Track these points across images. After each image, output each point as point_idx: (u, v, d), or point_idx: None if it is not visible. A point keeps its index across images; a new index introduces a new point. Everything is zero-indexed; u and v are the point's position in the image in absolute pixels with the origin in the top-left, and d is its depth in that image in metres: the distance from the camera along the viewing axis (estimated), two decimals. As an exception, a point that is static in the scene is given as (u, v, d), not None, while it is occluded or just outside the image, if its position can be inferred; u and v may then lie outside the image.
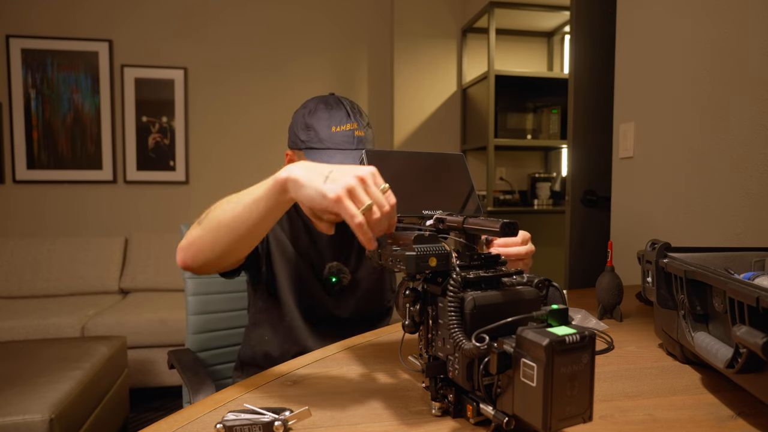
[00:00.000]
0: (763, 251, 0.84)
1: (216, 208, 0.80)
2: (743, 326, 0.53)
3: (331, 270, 1.13)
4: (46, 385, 1.65)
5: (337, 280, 1.13)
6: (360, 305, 1.16)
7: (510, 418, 0.49)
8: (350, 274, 1.14)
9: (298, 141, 1.06)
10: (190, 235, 0.84)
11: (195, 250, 0.83)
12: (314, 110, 1.05)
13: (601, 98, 2.05)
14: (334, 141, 1.03)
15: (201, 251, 0.82)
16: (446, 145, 3.42)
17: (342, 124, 1.03)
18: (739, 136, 1.29)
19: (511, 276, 0.58)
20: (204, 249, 0.82)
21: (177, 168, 3.33)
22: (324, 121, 1.03)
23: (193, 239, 0.83)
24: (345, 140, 1.03)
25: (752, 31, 1.25)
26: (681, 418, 0.59)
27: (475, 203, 0.74)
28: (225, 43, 3.34)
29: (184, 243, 0.85)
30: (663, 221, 1.57)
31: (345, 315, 1.15)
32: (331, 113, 1.04)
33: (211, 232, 0.80)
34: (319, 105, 1.06)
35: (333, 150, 1.02)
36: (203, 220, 0.82)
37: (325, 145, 1.02)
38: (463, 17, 3.39)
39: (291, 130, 1.09)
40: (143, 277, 3.04)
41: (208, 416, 0.60)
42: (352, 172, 0.61)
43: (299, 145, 1.06)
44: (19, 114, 3.13)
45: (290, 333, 1.12)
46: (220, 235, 0.79)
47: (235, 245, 0.80)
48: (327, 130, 1.03)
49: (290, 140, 1.09)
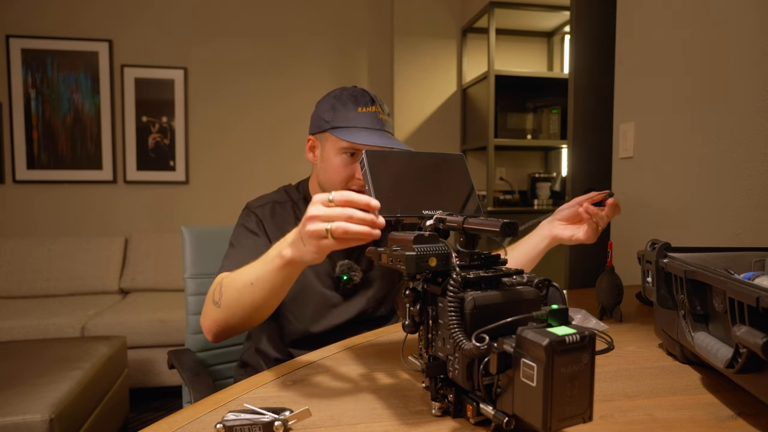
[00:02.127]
0: (763, 251, 0.84)
1: (229, 288, 0.88)
2: (743, 326, 0.53)
3: (342, 268, 1.14)
4: (46, 385, 1.65)
5: (348, 278, 1.14)
6: (370, 305, 1.17)
7: (510, 418, 0.49)
8: (361, 272, 1.15)
9: (322, 123, 1.10)
10: (211, 315, 0.93)
11: (222, 328, 0.92)
12: (340, 95, 1.10)
13: (601, 98, 2.05)
14: (360, 120, 1.07)
15: (230, 327, 0.92)
16: (446, 145, 3.42)
17: (367, 106, 1.08)
18: (739, 136, 1.29)
19: (511, 276, 0.58)
20: (232, 325, 0.91)
21: (177, 168, 3.32)
22: (350, 103, 1.08)
23: (215, 319, 0.92)
24: (370, 120, 1.07)
25: (752, 31, 1.25)
26: (681, 418, 0.59)
27: (475, 203, 0.74)
28: (225, 43, 3.34)
29: (207, 323, 0.94)
30: (663, 221, 1.57)
31: (354, 313, 1.15)
32: (356, 97, 1.09)
33: (235, 312, 0.88)
34: (345, 92, 1.10)
35: (358, 128, 1.06)
36: (220, 301, 0.90)
37: (351, 124, 1.06)
38: (463, 17, 3.39)
39: (314, 116, 1.13)
40: (143, 277, 3.04)
41: (208, 416, 0.60)
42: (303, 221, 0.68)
43: (323, 126, 1.09)
44: (19, 114, 3.13)
45: (293, 335, 1.12)
46: (245, 312, 0.87)
47: (263, 313, 0.89)
48: (353, 110, 1.07)
49: (313, 125, 1.13)
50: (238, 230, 1.12)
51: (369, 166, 0.68)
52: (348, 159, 1.08)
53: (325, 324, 1.13)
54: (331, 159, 1.09)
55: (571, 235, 1.11)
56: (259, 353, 1.15)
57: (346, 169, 1.08)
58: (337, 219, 0.64)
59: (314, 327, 1.12)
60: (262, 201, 1.16)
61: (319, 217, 0.66)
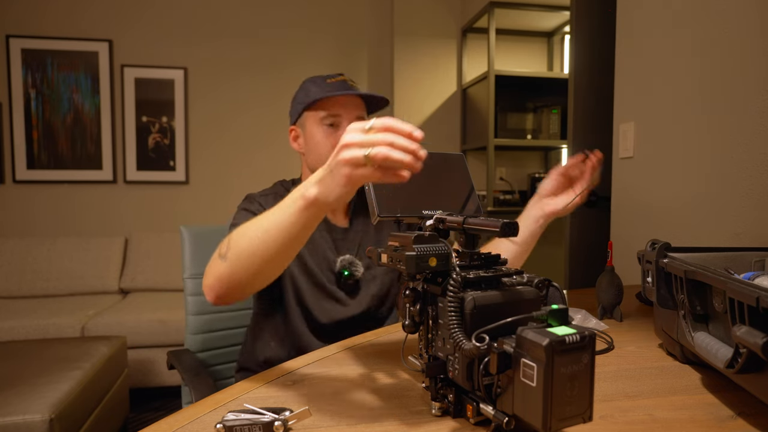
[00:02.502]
0: (763, 251, 0.84)
1: (239, 239, 0.77)
2: (743, 326, 0.53)
3: (343, 263, 1.13)
4: (46, 385, 1.65)
5: (349, 274, 1.13)
6: (374, 302, 1.16)
7: (510, 418, 0.49)
8: (363, 268, 1.14)
9: (298, 107, 1.14)
10: (215, 271, 0.81)
11: (226, 286, 0.81)
12: (309, 79, 1.16)
13: (601, 98, 2.05)
14: (331, 88, 1.10)
15: (235, 285, 0.80)
16: (446, 145, 3.42)
17: (336, 78, 1.13)
18: (739, 136, 1.29)
19: (511, 276, 0.58)
20: (237, 283, 0.80)
21: (177, 168, 3.33)
22: (318, 79, 1.13)
23: (219, 275, 0.80)
24: (340, 86, 1.11)
25: (752, 31, 1.25)
26: (681, 418, 0.59)
27: (475, 203, 0.74)
28: (225, 43, 3.34)
29: (210, 281, 0.83)
30: (663, 221, 1.57)
31: (359, 310, 1.14)
32: (324, 75, 1.15)
33: (243, 266, 0.77)
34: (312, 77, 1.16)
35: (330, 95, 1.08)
36: (227, 254, 0.79)
37: (323, 93, 1.09)
38: (463, 17, 3.39)
39: (292, 108, 1.17)
40: (143, 277, 3.04)
41: (208, 416, 0.60)
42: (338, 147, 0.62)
43: (299, 109, 1.13)
44: (19, 114, 3.13)
45: (294, 340, 1.11)
46: (254, 266, 0.76)
47: (274, 270, 0.79)
48: (322, 83, 1.12)
49: (292, 115, 1.17)
50: (240, 213, 1.10)
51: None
52: (330, 129, 1.11)
53: (329, 317, 1.12)
54: (314, 136, 1.12)
55: (565, 205, 1.11)
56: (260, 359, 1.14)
57: (330, 139, 1.10)
58: (377, 145, 0.59)
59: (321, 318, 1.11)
60: (265, 192, 1.17)
61: (356, 144, 0.61)
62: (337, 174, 0.62)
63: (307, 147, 1.14)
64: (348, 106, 1.12)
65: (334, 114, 1.10)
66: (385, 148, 0.59)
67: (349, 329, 1.13)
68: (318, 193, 0.66)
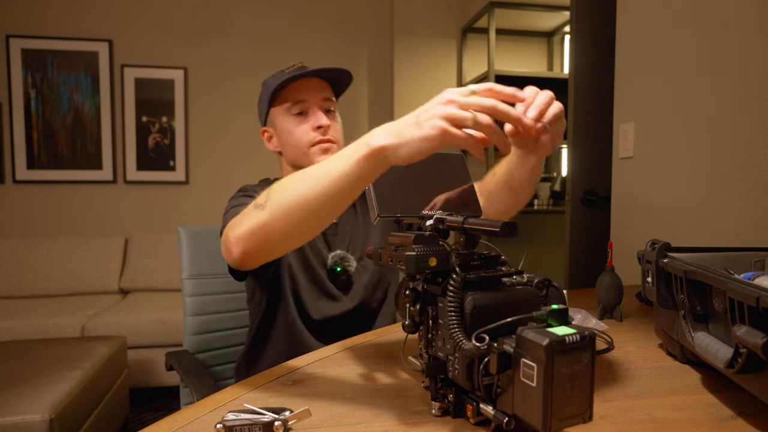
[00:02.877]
0: (763, 251, 0.84)
1: (285, 187, 0.70)
2: (743, 326, 0.53)
3: (335, 259, 1.12)
4: (46, 385, 1.65)
5: (342, 269, 1.12)
6: (367, 291, 1.16)
7: (510, 418, 0.49)
8: (356, 262, 1.13)
9: (263, 105, 1.13)
10: (250, 222, 0.73)
11: (259, 239, 0.73)
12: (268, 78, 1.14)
13: (601, 98, 2.05)
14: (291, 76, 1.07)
15: (269, 239, 0.72)
16: (446, 145, 3.42)
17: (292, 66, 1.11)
18: (740, 135, 1.29)
19: (511, 276, 0.58)
20: (273, 235, 0.72)
21: (177, 168, 3.33)
22: (277, 73, 1.11)
23: (256, 226, 0.72)
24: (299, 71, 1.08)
25: (752, 30, 1.25)
26: (681, 418, 0.59)
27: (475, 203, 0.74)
28: (225, 43, 3.34)
29: (242, 232, 0.74)
30: (663, 221, 1.57)
31: (352, 305, 1.13)
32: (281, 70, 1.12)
33: (284, 216, 0.69)
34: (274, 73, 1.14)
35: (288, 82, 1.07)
36: (265, 204, 0.71)
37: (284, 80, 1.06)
38: (463, 17, 3.39)
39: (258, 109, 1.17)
40: (143, 277, 3.04)
41: (208, 416, 0.60)
42: (438, 100, 0.58)
43: (264, 108, 1.12)
44: (19, 114, 3.13)
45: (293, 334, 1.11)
46: (297, 217, 0.68)
47: (316, 225, 0.72)
48: (281, 76, 1.09)
49: (260, 118, 1.17)
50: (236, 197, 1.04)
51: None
52: (298, 118, 1.09)
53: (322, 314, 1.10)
54: (286, 129, 1.10)
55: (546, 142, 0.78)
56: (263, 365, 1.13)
57: (300, 126, 1.09)
58: (483, 109, 0.56)
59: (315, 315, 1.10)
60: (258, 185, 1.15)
61: (460, 103, 0.57)
62: (428, 126, 0.57)
63: (283, 143, 1.13)
64: (311, 90, 1.09)
65: (298, 100, 1.09)
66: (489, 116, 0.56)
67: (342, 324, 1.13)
68: (389, 144, 0.59)
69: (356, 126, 3.52)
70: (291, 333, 1.11)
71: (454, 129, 0.56)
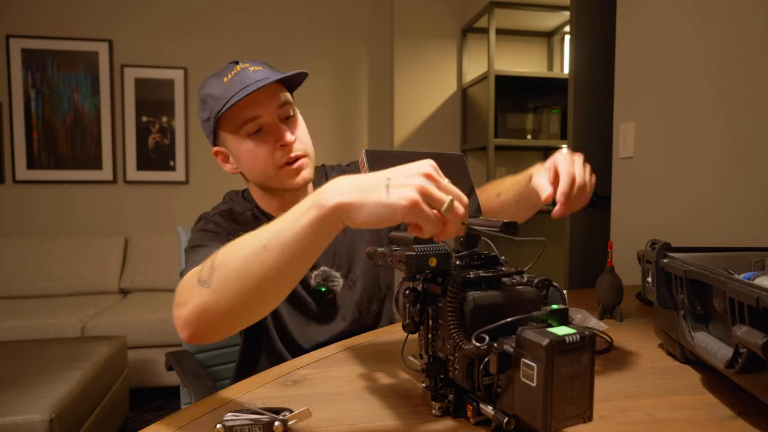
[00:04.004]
0: (763, 251, 0.84)
1: (227, 259, 0.61)
2: (743, 326, 0.53)
3: (318, 279, 1.01)
4: (46, 385, 1.65)
5: (326, 290, 1.01)
6: (360, 307, 1.08)
7: (510, 418, 0.49)
8: (341, 279, 1.03)
9: (209, 125, 0.95)
10: (194, 302, 0.62)
11: (209, 321, 0.62)
12: (202, 87, 0.97)
13: (601, 98, 2.05)
14: (231, 89, 0.90)
15: (219, 319, 0.62)
16: (446, 145, 3.42)
17: (231, 72, 0.93)
18: (740, 135, 1.29)
19: (511, 276, 0.58)
20: (223, 316, 0.62)
21: (177, 168, 3.32)
22: (214, 83, 0.94)
23: (199, 306, 0.62)
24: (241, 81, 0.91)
25: (752, 30, 1.25)
26: (681, 418, 0.59)
27: (475, 203, 0.74)
28: (225, 43, 3.34)
29: (185, 313, 0.63)
30: (663, 221, 1.57)
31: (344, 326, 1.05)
32: (218, 74, 0.95)
33: (233, 294, 0.60)
34: (207, 79, 0.97)
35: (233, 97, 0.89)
36: (211, 280, 0.61)
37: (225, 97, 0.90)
38: (463, 17, 3.39)
39: (203, 126, 0.99)
40: (143, 277, 3.04)
41: (208, 416, 0.60)
42: (416, 171, 0.52)
43: (211, 127, 0.95)
44: (19, 114, 3.13)
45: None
46: (248, 294, 0.59)
47: (270, 300, 0.63)
48: (220, 85, 0.92)
49: (208, 137, 0.99)
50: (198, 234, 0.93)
51: (369, 165, 0.68)
52: (256, 137, 0.93)
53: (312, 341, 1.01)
54: (242, 152, 0.95)
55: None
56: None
57: (260, 148, 0.93)
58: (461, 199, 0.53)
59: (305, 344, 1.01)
60: (217, 208, 1.02)
61: (440, 186, 0.52)
62: (397, 194, 0.50)
63: (245, 167, 0.98)
64: (263, 102, 0.92)
65: (251, 118, 0.92)
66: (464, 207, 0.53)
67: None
68: (348, 202, 0.52)
69: (356, 126, 3.52)
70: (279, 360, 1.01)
71: (425, 206, 0.50)
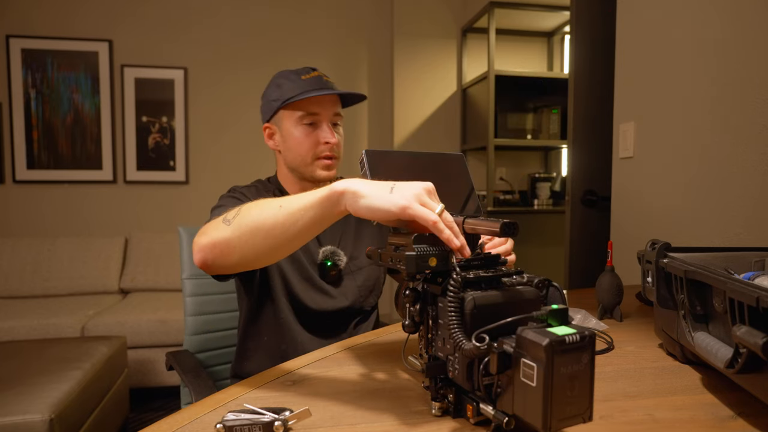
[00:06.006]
0: (763, 251, 0.84)
1: (251, 210, 0.74)
2: (743, 326, 0.53)
3: (325, 254, 1.14)
4: (46, 385, 1.65)
5: (331, 264, 1.14)
6: (361, 292, 1.17)
7: (510, 418, 0.49)
8: (346, 258, 1.16)
9: (272, 104, 1.11)
10: (216, 234, 0.76)
11: (220, 252, 0.76)
12: (281, 74, 1.13)
13: (601, 98, 2.05)
14: (308, 85, 1.08)
15: (228, 254, 0.76)
16: (446, 145, 3.42)
17: (309, 73, 1.11)
18: (740, 135, 1.29)
19: (511, 276, 0.58)
20: (233, 252, 0.75)
21: (177, 168, 3.32)
22: (292, 75, 1.11)
23: (218, 239, 0.76)
24: (316, 82, 1.09)
25: (752, 30, 1.25)
26: (681, 418, 0.59)
27: (475, 203, 0.74)
28: (225, 43, 3.34)
29: (205, 242, 0.77)
30: (663, 221, 1.57)
31: (345, 304, 1.15)
32: (297, 71, 1.12)
33: (245, 236, 0.73)
34: (284, 71, 1.14)
35: (308, 92, 1.07)
36: (233, 221, 0.75)
37: (300, 91, 1.07)
38: (463, 17, 3.39)
39: (264, 104, 1.15)
40: (143, 277, 3.04)
41: (208, 416, 0.60)
42: (418, 185, 0.61)
43: (274, 106, 1.11)
44: (19, 114, 3.13)
45: (285, 333, 1.11)
46: (256, 240, 0.72)
47: (271, 252, 0.74)
48: (298, 80, 1.09)
49: (265, 112, 1.15)
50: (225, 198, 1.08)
51: (369, 165, 0.69)
52: (308, 128, 1.10)
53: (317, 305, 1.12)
54: (292, 134, 1.11)
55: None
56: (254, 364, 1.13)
57: (308, 138, 1.10)
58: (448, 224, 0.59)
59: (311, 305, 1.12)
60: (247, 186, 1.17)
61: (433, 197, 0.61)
62: (398, 196, 0.59)
63: (285, 145, 1.14)
64: (325, 105, 1.10)
65: (312, 113, 1.10)
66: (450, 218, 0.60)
67: (336, 321, 1.15)
68: (353, 190, 0.62)
69: (356, 126, 3.52)
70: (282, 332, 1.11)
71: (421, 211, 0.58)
